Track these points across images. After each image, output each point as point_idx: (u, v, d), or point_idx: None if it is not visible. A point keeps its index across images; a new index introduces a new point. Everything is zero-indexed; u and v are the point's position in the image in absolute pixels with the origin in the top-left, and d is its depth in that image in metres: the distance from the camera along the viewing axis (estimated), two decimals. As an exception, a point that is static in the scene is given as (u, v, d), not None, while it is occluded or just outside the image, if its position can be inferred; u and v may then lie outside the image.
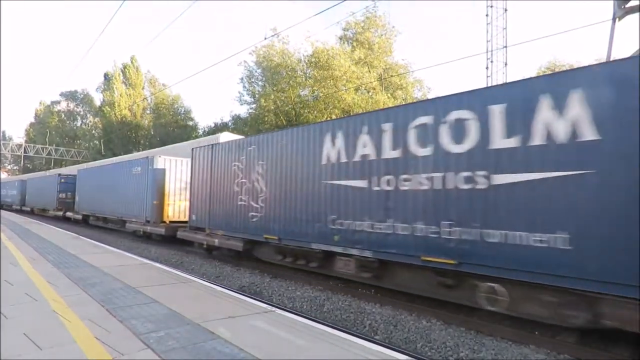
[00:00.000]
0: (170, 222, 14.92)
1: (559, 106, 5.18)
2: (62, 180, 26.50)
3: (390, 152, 7.16)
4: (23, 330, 3.95)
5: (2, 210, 34.09)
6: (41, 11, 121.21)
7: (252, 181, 10.33)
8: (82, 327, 4.10)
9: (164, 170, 15.16)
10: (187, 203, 14.78)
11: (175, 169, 15.40)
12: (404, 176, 6.88)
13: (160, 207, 15.00)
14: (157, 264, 8.55)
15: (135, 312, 4.70)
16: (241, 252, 10.90)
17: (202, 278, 8.13)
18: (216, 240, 11.53)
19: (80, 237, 13.79)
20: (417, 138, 6.76)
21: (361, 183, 7.58)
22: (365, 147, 7.59)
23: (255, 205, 10.14)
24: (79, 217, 23.25)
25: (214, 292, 5.98)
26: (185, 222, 14.46)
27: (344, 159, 7.97)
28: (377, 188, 7.30)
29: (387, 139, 7.22)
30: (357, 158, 7.72)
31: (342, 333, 4.39)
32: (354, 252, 7.68)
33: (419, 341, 5.68)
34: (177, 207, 15.31)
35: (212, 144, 12.60)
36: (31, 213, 32.87)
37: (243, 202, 10.57)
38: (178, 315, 4.60)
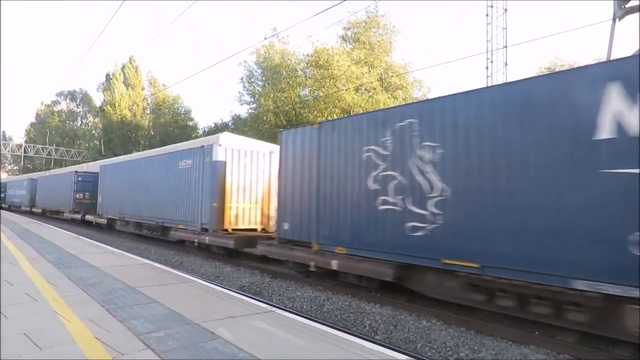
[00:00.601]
0: (233, 230, 11.83)
1: None
2: (80, 179, 23.44)
3: None
4: (23, 330, 3.95)
5: (3, 211, 33.71)
6: (41, 11, 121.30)
7: (408, 174, 6.87)
8: (82, 327, 4.09)
9: (224, 163, 11.96)
10: (251, 205, 12.30)
11: (239, 162, 12.20)
12: None
13: (220, 210, 11.76)
14: (157, 264, 8.55)
15: (135, 312, 4.70)
16: (380, 282, 7.53)
17: (202, 278, 8.13)
18: (334, 262, 7.98)
19: (80, 237, 13.80)
20: None
21: None
22: None
23: (418, 211, 6.65)
24: (103, 221, 19.84)
25: (214, 292, 5.97)
26: (250, 230, 12.04)
27: None
28: None
29: None
30: None
31: (342, 333, 4.39)
32: None
33: (419, 341, 5.68)
34: (240, 211, 12.14)
35: (321, 122, 9.37)
36: (42, 215, 29.61)
37: (391, 207, 7.10)
38: (178, 315, 4.60)
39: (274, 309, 5.15)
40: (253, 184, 12.38)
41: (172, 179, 13.96)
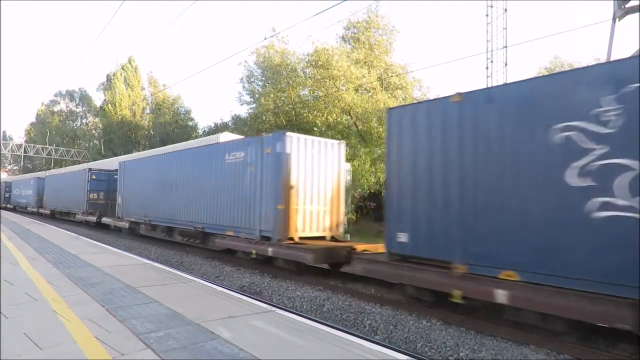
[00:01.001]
0: (300, 238, 9.86)
1: None
2: (93, 177, 21.78)
3: None
4: (23, 330, 3.95)
5: (5, 211, 33.48)
6: (41, 11, 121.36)
7: None
8: (82, 327, 4.09)
9: (289, 155, 9.87)
10: (319, 208, 10.28)
11: (305, 154, 10.15)
12: None
13: (286, 214, 9.69)
14: (157, 264, 8.55)
15: (135, 312, 4.70)
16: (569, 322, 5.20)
17: (202, 278, 8.13)
18: (500, 293, 5.59)
19: (80, 237, 13.79)
20: None
21: None
22: None
23: None
24: (124, 224, 17.55)
25: (214, 292, 5.97)
26: (317, 238, 10.15)
27: None
28: None
29: None
30: None
31: (342, 333, 4.38)
32: None
33: (419, 341, 5.68)
34: (308, 215, 10.12)
35: (466, 92, 6.48)
36: (51, 217, 27.99)
37: (622, 213, 4.70)
38: (178, 315, 4.60)
39: (274, 309, 5.14)
40: (321, 181, 10.38)
41: (216, 176, 11.81)
